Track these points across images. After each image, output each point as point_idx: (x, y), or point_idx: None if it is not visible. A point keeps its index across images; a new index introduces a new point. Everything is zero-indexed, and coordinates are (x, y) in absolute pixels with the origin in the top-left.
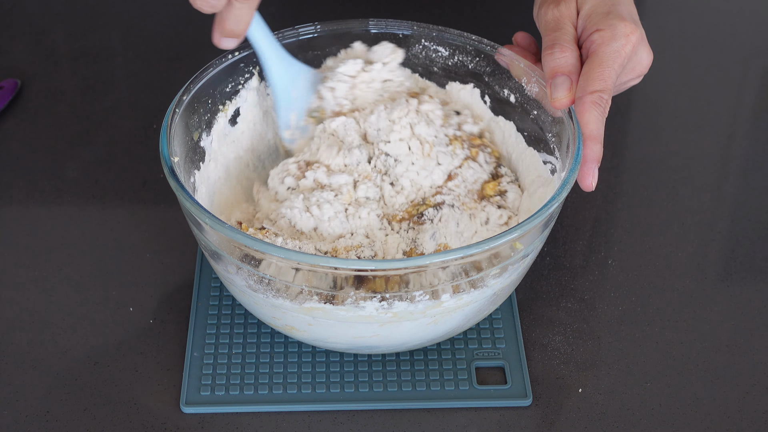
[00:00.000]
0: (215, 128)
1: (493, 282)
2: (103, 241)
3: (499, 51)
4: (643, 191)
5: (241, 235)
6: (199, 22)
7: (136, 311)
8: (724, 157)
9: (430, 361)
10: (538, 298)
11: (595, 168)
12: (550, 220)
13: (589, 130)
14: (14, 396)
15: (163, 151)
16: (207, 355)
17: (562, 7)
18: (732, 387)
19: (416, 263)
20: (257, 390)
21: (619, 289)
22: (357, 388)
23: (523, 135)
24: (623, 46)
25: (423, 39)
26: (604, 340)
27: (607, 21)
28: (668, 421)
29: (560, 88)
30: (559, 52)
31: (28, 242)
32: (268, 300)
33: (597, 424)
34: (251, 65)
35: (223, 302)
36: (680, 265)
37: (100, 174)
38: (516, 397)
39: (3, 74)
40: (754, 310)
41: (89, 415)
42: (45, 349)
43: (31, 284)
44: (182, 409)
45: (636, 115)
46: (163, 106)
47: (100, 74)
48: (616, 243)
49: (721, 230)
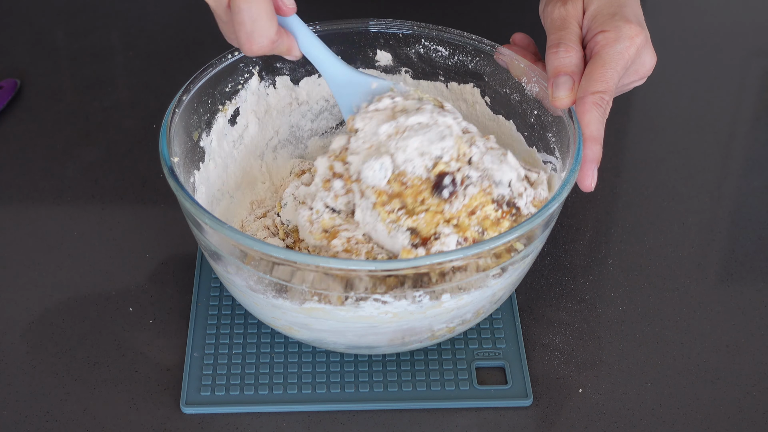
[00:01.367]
0: (215, 128)
1: (494, 282)
2: (103, 241)
3: (498, 50)
4: (643, 191)
5: (241, 236)
6: (199, 22)
7: (136, 311)
8: (724, 157)
9: (430, 361)
10: (539, 298)
11: (594, 169)
12: (550, 220)
13: (589, 131)
14: (14, 396)
15: (163, 151)
16: (207, 355)
17: (569, 6)
18: (732, 387)
19: (415, 264)
20: (257, 390)
21: (619, 289)
22: (357, 388)
23: (523, 135)
24: (627, 48)
25: (423, 39)
26: (605, 340)
27: (613, 22)
28: (668, 421)
29: (562, 88)
30: (564, 52)
31: (28, 242)
32: (267, 300)
33: (597, 424)
34: (251, 65)
35: (223, 302)
36: (680, 265)
37: (100, 174)
38: (516, 397)
39: (3, 74)
40: (754, 310)
41: (89, 415)
42: (45, 349)
43: (31, 284)
44: (182, 409)
45: (636, 115)
46: (163, 106)
47: (100, 74)
48: (616, 243)
49: (721, 230)
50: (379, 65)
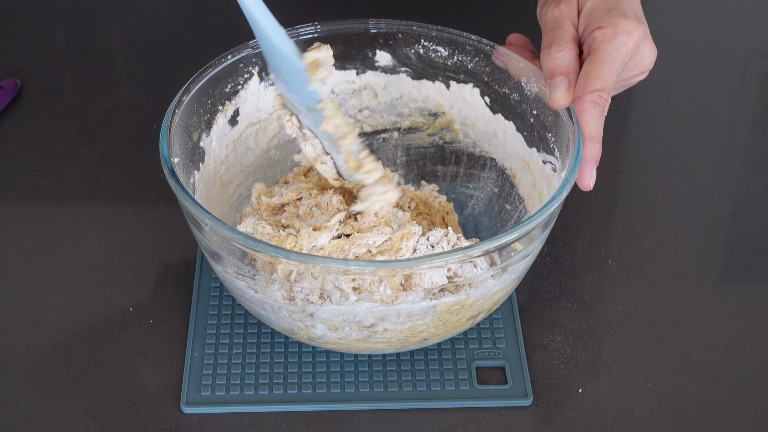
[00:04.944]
0: (215, 128)
1: (494, 282)
2: (103, 241)
3: (496, 50)
4: (643, 191)
5: (241, 236)
6: (199, 22)
7: (136, 311)
8: (724, 157)
9: (430, 361)
10: (538, 298)
11: (593, 168)
12: (550, 220)
13: (588, 131)
14: (14, 396)
15: (163, 152)
16: (207, 355)
17: (562, 6)
18: (732, 387)
19: (414, 264)
20: (257, 390)
21: (619, 289)
22: (357, 388)
23: (522, 135)
24: (624, 43)
25: (422, 39)
26: (604, 340)
27: (609, 18)
28: (668, 421)
29: (559, 88)
30: (556, 52)
31: (28, 242)
32: (267, 301)
33: (597, 424)
34: (250, 65)
35: (223, 302)
36: (680, 265)
37: (100, 174)
38: (516, 397)
39: (3, 74)
40: (754, 310)
41: (89, 415)
42: (45, 349)
43: (31, 284)
44: (182, 409)
45: (636, 115)
46: (163, 106)
47: (100, 74)
48: (616, 243)
49: (721, 230)
50: (379, 65)
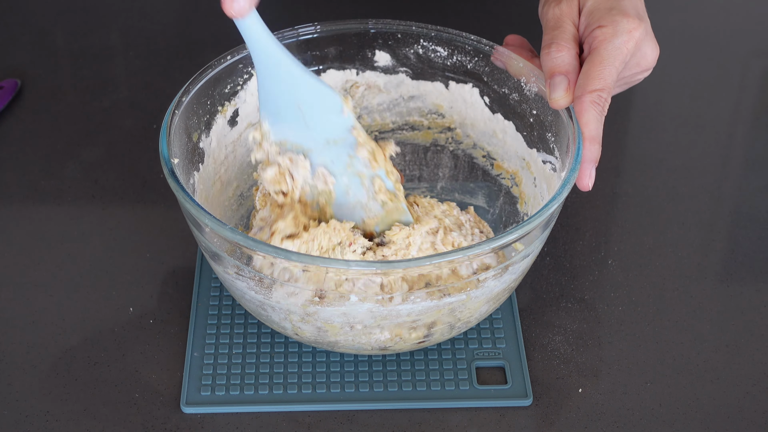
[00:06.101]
0: (214, 129)
1: (494, 282)
2: (103, 241)
3: (495, 50)
4: (643, 191)
5: (241, 236)
6: (199, 22)
7: (136, 311)
8: (724, 157)
9: (430, 361)
10: (539, 298)
11: (592, 168)
12: (550, 220)
13: (587, 131)
14: (14, 396)
15: (163, 152)
16: (207, 355)
17: (563, 5)
18: (732, 387)
19: (413, 264)
20: (257, 390)
21: (619, 289)
22: (357, 388)
23: (522, 135)
24: (625, 42)
25: (422, 39)
26: (604, 340)
27: (610, 17)
28: (668, 421)
29: (558, 88)
30: (556, 51)
31: (28, 242)
32: (267, 301)
33: (597, 424)
34: (250, 66)
35: (223, 302)
36: (680, 265)
37: (100, 174)
38: (516, 397)
39: (3, 74)
40: (754, 310)
41: (89, 415)
42: (45, 349)
43: (31, 284)
44: (182, 409)
45: (636, 115)
46: (163, 106)
47: (100, 74)
48: (616, 243)
49: (721, 230)
50: (378, 65)
